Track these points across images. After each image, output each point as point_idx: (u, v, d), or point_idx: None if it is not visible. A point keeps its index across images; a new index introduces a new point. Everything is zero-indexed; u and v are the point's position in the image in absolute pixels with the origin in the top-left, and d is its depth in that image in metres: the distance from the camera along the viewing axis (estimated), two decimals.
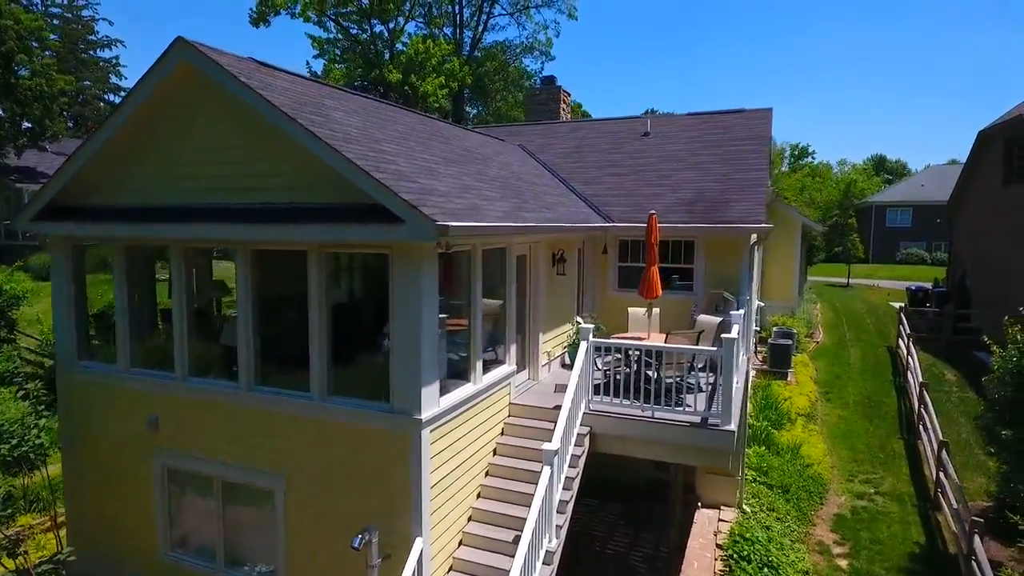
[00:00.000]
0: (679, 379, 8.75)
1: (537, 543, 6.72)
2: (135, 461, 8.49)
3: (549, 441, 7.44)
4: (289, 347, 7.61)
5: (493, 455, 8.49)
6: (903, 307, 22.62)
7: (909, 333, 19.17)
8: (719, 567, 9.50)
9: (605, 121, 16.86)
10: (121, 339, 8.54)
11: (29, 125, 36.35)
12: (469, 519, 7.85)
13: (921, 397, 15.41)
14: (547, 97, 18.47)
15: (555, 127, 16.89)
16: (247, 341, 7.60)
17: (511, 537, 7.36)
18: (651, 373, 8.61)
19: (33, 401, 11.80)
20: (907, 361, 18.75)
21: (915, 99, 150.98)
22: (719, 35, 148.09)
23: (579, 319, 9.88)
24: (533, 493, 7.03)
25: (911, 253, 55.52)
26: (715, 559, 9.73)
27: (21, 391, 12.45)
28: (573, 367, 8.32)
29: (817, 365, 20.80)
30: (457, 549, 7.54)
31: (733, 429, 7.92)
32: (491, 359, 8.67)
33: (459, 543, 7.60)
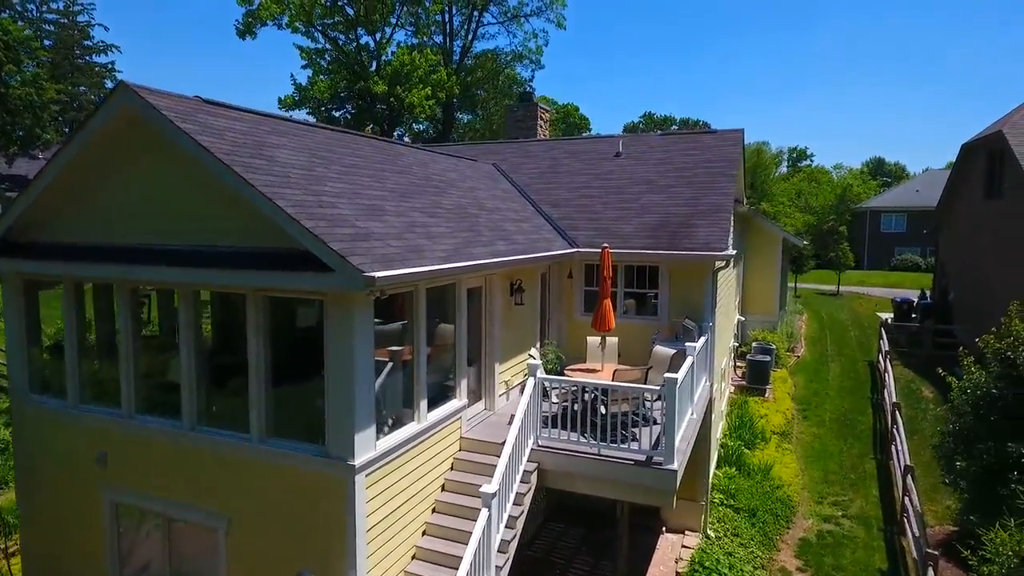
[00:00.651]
0: (632, 413, 8.77)
1: None
2: (85, 495, 8.51)
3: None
4: (231, 388, 7.63)
5: (441, 491, 8.51)
6: (885, 321, 22.58)
7: (887, 350, 19.16)
8: None
9: (579, 140, 16.90)
10: (71, 374, 8.57)
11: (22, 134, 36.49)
12: (413, 558, 7.87)
13: (893, 417, 15.41)
14: (524, 114, 18.48)
15: (531, 146, 16.91)
16: (189, 381, 7.64)
17: None
18: (601, 408, 8.63)
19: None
20: (884, 378, 18.75)
21: (917, 99, 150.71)
22: (721, 35, 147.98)
23: (532, 352, 9.89)
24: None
25: (905, 259, 55.46)
26: None
27: None
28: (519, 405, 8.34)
29: (796, 381, 20.81)
30: None
31: (675, 468, 7.93)
32: (439, 394, 8.69)
33: None
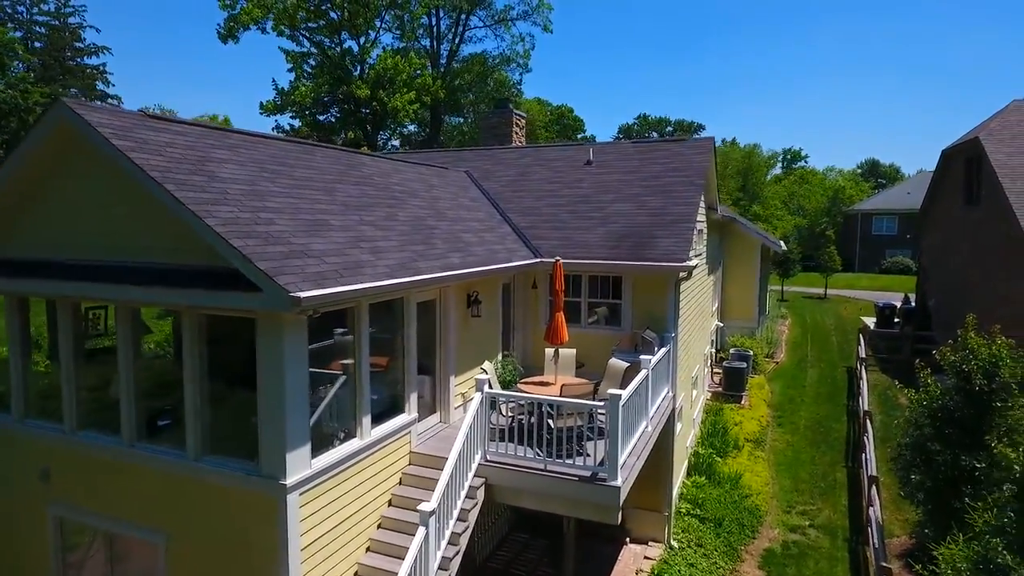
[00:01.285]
0: (584, 427, 8.73)
1: None
2: (30, 510, 8.48)
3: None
4: (167, 405, 7.60)
5: (388, 506, 8.47)
6: (864, 326, 22.57)
7: (863, 357, 19.15)
8: None
9: (552, 147, 16.85)
10: (15, 388, 8.54)
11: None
12: (356, 574, 7.84)
13: (864, 425, 15.40)
14: (499, 120, 18.45)
15: (503, 153, 16.87)
16: (128, 398, 7.61)
17: None
18: (550, 423, 8.59)
19: None
20: (860, 385, 18.74)
21: (913, 100, 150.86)
22: (716, 36, 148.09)
23: (485, 366, 9.86)
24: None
25: (896, 261, 55.52)
26: None
27: None
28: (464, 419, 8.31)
29: (773, 387, 20.80)
30: None
31: (618, 485, 7.90)
32: (388, 409, 8.65)
33: None
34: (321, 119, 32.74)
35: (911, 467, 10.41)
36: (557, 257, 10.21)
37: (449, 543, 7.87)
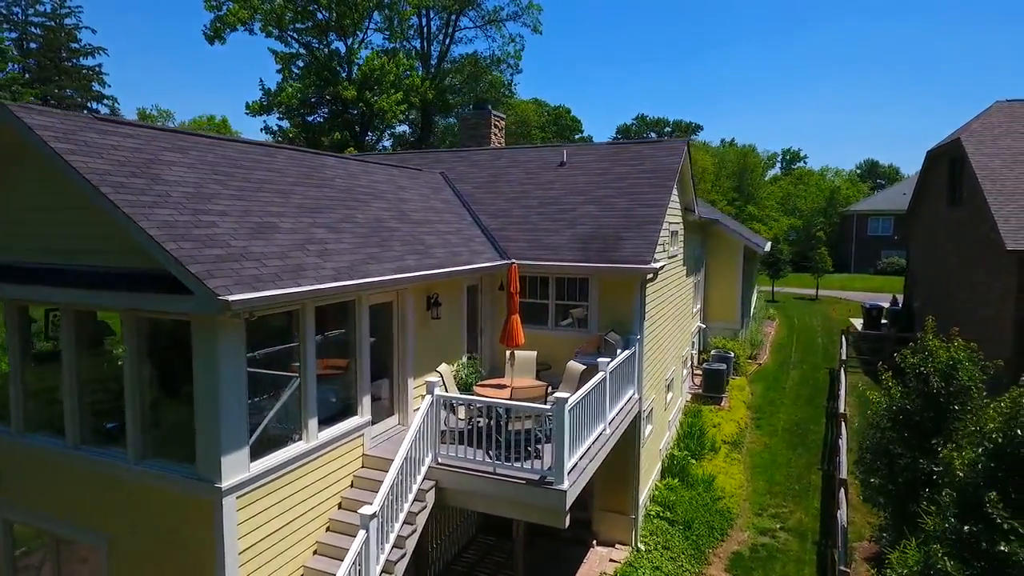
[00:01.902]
0: (536, 429, 8.70)
1: None
2: None
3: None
4: (112, 408, 7.59)
5: (338, 509, 8.45)
6: (846, 328, 22.51)
7: (843, 359, 19.10)
8: None
9: (526, 149, 16.83)
10: None
11: None
12: None
13: (839, 427, 15.36)
14: (478, 121, 18.42)
15: (478, 154, 16.83)
16: (72, 400, 7.61)
17: None
18: (508, 426, 8.57)
19: None
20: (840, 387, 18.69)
21: (913, 100, 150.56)
22: (717, 36, 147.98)
23: (440, 368, 9.83)
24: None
25: (891, 262, 55.34)
26: None
27: None
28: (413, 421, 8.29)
29: (754, 389, 20.75)
30: None
31: (565, 489, 7.87)
32: (339, 412, 8.64)
33: None
34: (310, 120, 32.78)
35: (872, 470, 10.36)
36: (512, 260, 10.17)
37: (395, 546, 7.86)
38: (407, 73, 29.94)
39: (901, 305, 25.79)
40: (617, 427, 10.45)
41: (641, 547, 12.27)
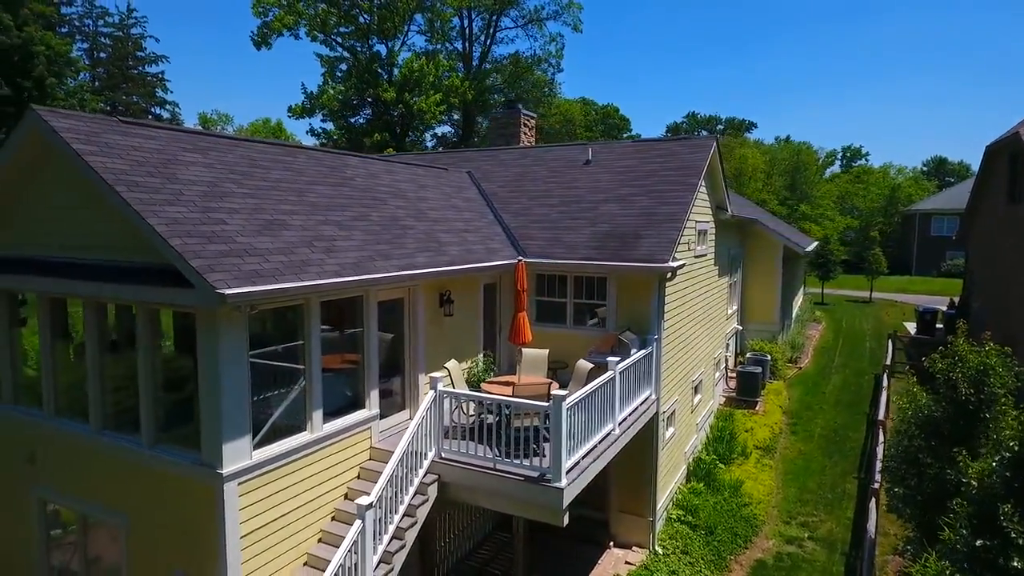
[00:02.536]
0: (541, 427, 8.69)
1: None
2: (16, 491, 9.09)
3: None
4: (131, 395, 8.00)
5: (344, 499, 8.66)
6: (893, 333, 21.51)
7: (888, 364, 18.26)
8: None
9: (552, 147, 16.77)
10: (2, 375, 9.18)
11: None
12: (305, 564, 8.04)
13: (875, 435, 14.71)
14: (508, 120, 18.49)
15: (505, 153, 16.89)
16: (95, 387, 8.06)
17: None
18: (514, 423, 8.59)
19: None
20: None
21: (984, 91, 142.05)
22: (774, 26, 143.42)
23: (448, 365, 9.92)
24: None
25: (955, 264, 52.44)
26: None
27: None
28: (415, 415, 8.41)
29: (791, 393, 20.07)
30: None
31: (562, 487, 7.84)
32: (346, 405, 8.85)
33: None
34: (352, 122, 33.62)
35: (899, 480, 9.88)
36: (519, 257, 10.18)
37: (394, 537, 7.99)
38: (446, 74, 30.34)
39: (956, 308, 24.44)
40: (628, 428, 10.31)
41: (659, 550, 12.08)
